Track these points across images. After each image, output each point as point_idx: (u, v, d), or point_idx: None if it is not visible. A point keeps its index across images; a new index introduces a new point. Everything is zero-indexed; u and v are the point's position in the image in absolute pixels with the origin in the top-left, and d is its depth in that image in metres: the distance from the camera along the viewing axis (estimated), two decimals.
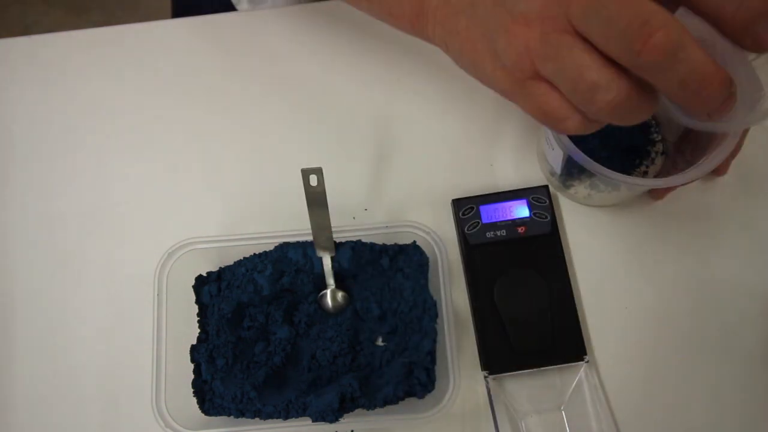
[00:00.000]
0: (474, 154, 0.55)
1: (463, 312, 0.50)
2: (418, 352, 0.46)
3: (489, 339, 0.48)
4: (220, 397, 0.46)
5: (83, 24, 0.57)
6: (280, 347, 0.48)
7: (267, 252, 0.49)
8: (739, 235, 0.52)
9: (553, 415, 0.48)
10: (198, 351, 0.47)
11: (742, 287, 0.51)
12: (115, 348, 0.51)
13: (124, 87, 0.58)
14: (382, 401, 0.44)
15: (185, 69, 0.58)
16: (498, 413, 0.47)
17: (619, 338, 0.50)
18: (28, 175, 0.56)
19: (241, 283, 0.48)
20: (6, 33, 0.66)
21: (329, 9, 0.59)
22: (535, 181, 0.53)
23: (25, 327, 0.52)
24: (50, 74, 0.58)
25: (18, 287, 0.53)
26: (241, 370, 0.47)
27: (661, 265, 0.51)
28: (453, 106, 0.56)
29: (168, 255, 0.48)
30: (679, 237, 0.52)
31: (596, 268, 0.51)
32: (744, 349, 0.49)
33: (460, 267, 0.51)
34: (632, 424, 0.48)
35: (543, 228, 0.50)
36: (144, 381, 0.46)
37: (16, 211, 0.55)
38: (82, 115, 0.57)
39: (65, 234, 0.54)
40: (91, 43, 0.59)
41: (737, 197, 0.53)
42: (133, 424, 0.49)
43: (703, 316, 0.50)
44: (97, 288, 0.52)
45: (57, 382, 0.50)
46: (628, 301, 0.51)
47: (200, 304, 0.49)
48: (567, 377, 0.49)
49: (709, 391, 0.48)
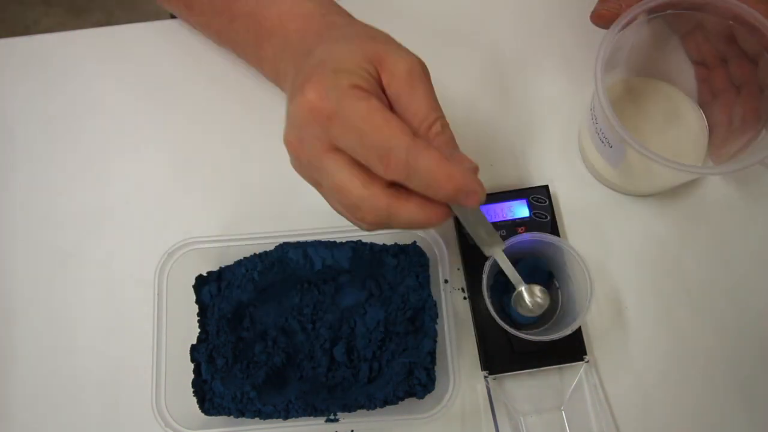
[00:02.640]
0: (474, 154, 0.54)
1: (463, 312, 0.50)
2: (418, 352, 0.46)
3: (489, 339, 0.48)
4: (220, 397, 0.46)
5: (83, 24, 0.57)
6: (280, 347, 0.48)
7: (267, 252, 0.49)
8: (738, 236, 0.52)
9: (553, 415, 0.48)
10: (198, 351, 0.47)
11: (742, 287, 0.51)
12: (115, 348, 0.51)
13: (124, 87, 0.58)
14: (382, 401, 0.44)
15: (185, 69, 0.58)
16: (498, 413, 0.47)
17: (619, 338, 0.50)
18: (28, 175, 0.56)
19: (241, 283, 0.48)
20: (6, 33, 0.66)
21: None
22: (536, 181, 0.53)
23: (25, 327, 0.52)
24: (50, 74, 0.58)
25: (18, 287, 0.53)
26: (241, 370, 0.47)
27: (660, 265, 0.51)
28: (452, 106, 0.56)
29: (168, 255, 0.48)
30: (679, 237, 0.52)
31: (596, 268, 0.51)
32: (744, 348, 0.49)
33: (460, 267, 0.51)
34: (632, 424, 0.48)
35: (543, 228, 0.50)
36: (144, 381, 0.46)
37: (16, 211, 0.55)
38: (82, 115, 0.57)
39: (65, 234, 0.54)
40: (91, 43, 0.59)
41: (737, 198, 0.53)
42: (133, 424, 0.49)
43: (703, 315, 0.50)
44: (97, 288, 0.52)
45: (57, 382, 0.50)
46: (628, 301, 0.51)
47: (200, 304, 0.49)
48: (567, 377, 0.49)
49: (709, 390, 0.48)
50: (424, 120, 0.34)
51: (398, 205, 0.34)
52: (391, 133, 0.32)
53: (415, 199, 0.34)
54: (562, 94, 0.56)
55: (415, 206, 0.34)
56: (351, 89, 0.33)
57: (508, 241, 0.46)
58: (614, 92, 0.54)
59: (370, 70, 0.34)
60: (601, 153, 0.50)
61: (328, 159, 0.34)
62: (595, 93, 0.44)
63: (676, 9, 0.46)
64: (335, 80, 0.33)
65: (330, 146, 0.34)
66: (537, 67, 0.57)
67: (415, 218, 0.34)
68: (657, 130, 0.53)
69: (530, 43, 0.58)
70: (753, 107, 0.47)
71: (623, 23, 0.44)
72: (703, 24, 0.48)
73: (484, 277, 0.45)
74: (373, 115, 0.32)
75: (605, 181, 0.53)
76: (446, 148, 0.34)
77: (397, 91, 0.34)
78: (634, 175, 0.50)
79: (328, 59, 0.35)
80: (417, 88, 0.35)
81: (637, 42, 0.49)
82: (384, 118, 0.32)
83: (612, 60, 0.47)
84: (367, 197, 0.34)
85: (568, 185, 0.53)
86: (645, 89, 0.54)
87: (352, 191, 0.34)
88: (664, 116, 0.53)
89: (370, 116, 0.32)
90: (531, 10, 0.59)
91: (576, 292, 0.47)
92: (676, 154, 0.51)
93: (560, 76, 0.56)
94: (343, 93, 0.33)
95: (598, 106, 0.46)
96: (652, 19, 0.47)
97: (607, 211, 0.53)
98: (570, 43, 0.57)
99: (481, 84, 0.57)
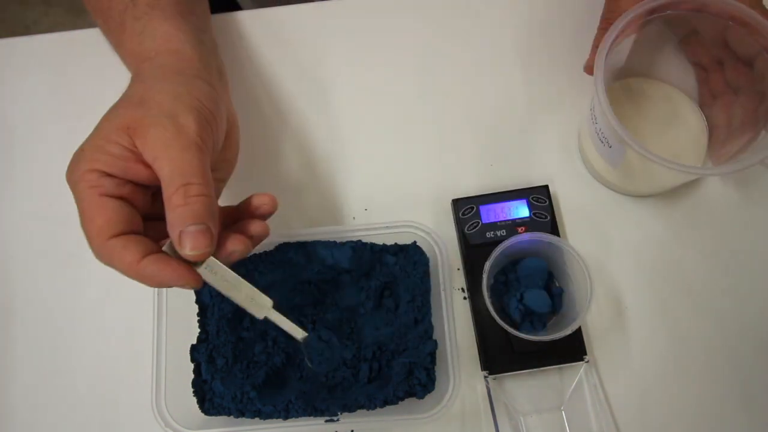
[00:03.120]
0: (474, 154, 0.55)
1: (463, 312, 0.50)
2: (418, 352, 0.46)
3: (489, 339, 0.48)
4: (220, 397, 0.46)
5: (83, 24, 0.57)
6: (280, 347, 0.48)
7: (267, 252, 0.49)
8: (738, 236, 0.52)
9: (553, 415, 0.48)
10: (198, 351, 0.47)
11: (741, 287, 0.51)
12: (115, 348, 0.51)
13: (124, 87, 0.57)
14: (382, 401, 0.44)
15: None
16: (498, 413, 0.47)
17: (619, 338, 0.50)
18: (29, 174, 0.56)
19: None
20: (6, 33, 0.66)
21: (328, 9, 0.59)
22: (536, 181, 0.53)
23: (26, 327, 0.52)
24: (50, 74, 0.58)
25: (18, 287, 0.53)
26: (241, 370, 0.47)
27: (660, 265, 0.51)
28: (452, 106, 0.56)
29: None
30: (679, 238, 0.52)
31: (596, 268, 0.51)
32: (744, 348, 0.49)
33: (460, 267, 0.51)
34: (632, 424, 0.48)
35: (543, 228, 0.50)
36: (144, 381, 0.46)
37: (16, 211, 0.55)
38: (82, 115, 0.56)
39: (65, 234, 0.54)
40: (91, 43, 0.59)
41: (737, 199, 0.53)
42: (133, 424, 0.49)
43: (702, 315, 0.50)
44: (97, 288, 0.52)
45: (57, 381, 0.50)
46: (628, 301, 0.51)
47: (200, 304, 0.49)
48: (567, 377, 0.49)
49: (708, 390, 0.48)
50: (167, 188, 0.34)
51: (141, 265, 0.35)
52: (89, 233, 0.35)
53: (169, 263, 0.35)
54: (562, 94, 0.56)
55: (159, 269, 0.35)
56: (85, 173, 0.35)
57: (509, 241, 0.45)
58: (614, 93, 0.54)
59: (121, 141, 0.35)
60: (600, 153, 0.50)
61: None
62: (594, 93, 0.44)
63: (675, 10, 0.46)
64: (77, 161, 0.36)
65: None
66: (537, 67, 0.57)
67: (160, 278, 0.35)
68: (656, 131, 0.53)
69: (530, 43, 0.58)
70: (750, 109, 0.47)
71: (623, 24, 0.44)
72: (697, 29, 0.48)
73: (484, 277, 0.45)
74: (87, 208, 0.35)
75: (605, 182, 0.53)
76: (182, 223, 0.34)
77: (152, 156, 0.35)
78: (634, 175, 0.50)
79: (96, 127, 0.37)
80: (167, 152, 0.35)
81: (637, 43, 0.49)
82: (92, 214, 0.34)
83: (612, 61, 0.47)
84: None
85: (568, 185, 0.53)
86: (645, 90, 0.54)
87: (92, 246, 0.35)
88: (664, 117, 0.53)
89: (84, 209, 0.35)
90: (531, 10, 0.59)
91: (576, 292, 0.47)
92: (675, 154, 0.51)
93: (560, 76, 0.56)
94: (77, 177, 0.35)
95: (597, 107, 0.46)
96: (651, 20, 0.47)
97: (607, 211, 0.53)
98: (570, 43, 0.57)
99: (481, 84, 0.57)
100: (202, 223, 0.34)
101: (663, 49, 0.52)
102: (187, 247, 0.34)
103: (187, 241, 0.34)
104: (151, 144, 0.35)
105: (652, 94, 0.54)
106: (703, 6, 0.45)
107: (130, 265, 0.34)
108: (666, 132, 0.53)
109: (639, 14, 0.45)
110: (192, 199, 0.34)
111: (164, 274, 0.34)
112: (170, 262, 0.35)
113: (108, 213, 0.35)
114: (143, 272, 0.34)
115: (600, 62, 0.44)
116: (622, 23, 0.44)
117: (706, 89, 0.51)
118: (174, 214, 0.34)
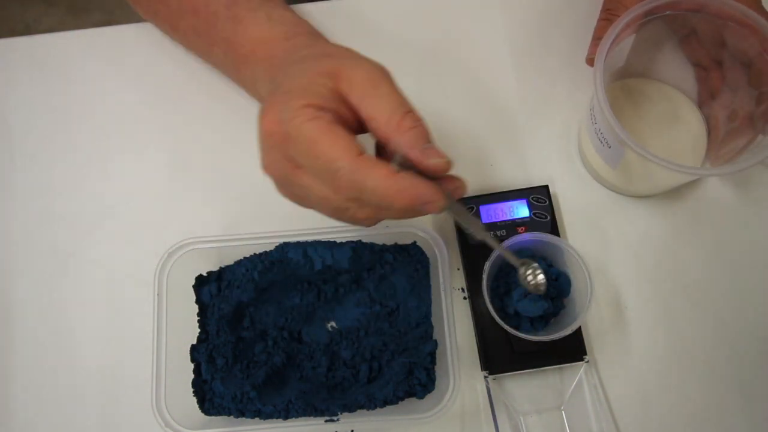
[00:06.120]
0: (474, 154, 0.55)
1: (463, 312, 0.50)
2: (418, 352, 0.46)
3: (489, 339, 0.48)
4: (220, 397, 0.46)
5: (83, 24, 0.57)
6: (280, 347, 0.48)
7: (267, 252, 0.49)
8: (737, 236, 0.52)
9: (553, 415, 0.48)
10: (198, 351, 0.47)
11: (741, 287, 0.51)
12: (115, 348, 0.51)
13: (124, 87, 0.58)
14: (382, 401, 0.44)
15: (185, 69, 0.58)
16: (498, 413, 0.47)
17: (619, 338, 0.50)
18: (28, 175, 0.56)
19: (241, 283, 0.48)
20: (6, 33, 0.66)
21: (328, 9, 0.59)
22: (536, 181, 0.53)
23: (25, 327, 0.52)
24: (50, 74, 0.58)
25: (18, 287, 0.53)
26: (241, 370, 0.47)
27: (660, 265, 0.51)
28: (452, 106, 0.56)
29: (168, 255, 0.48)
30: (679, 238, 0.52)
31: (596, 268, 0.51)
32: (744, 348, 0.49)
33: (460, 267, 0.51)
34: (632, 424, 0.48)
35: (543, 228, 0.50)
36: (144, 381, 0.46)
37: (16, 211, 0.55)
38: (82, 115, 0.57)
39: (65, 234, 0.54)
40: (91, 43, 0.59)
41: (736, 200, 0.53)
42: (133, 424, 0.49)
43: (702, 315, 0.50)
44: (97, 288, 0.52)
45: (57, 381, 0.50)
46: (628, 301, 0.51)
47: (200, 304, 0.49)
48: (567, 377, 0.49)
49: (708, 390, 0.49)
50: (392, 118, 0.35)
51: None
52: (335, 155, 0.33)
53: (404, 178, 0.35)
54: (562, 94, 0.56)
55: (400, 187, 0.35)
56: (301, 109, 0.34)
57: (509, 241, 0.46)
58: (613, 93, 0.54)
59: (326, 84, 0.35)
60: (600, 153, 0.50)
61: (299, 176, 0.36)
62: (594, 94, 0.44)
63: (674, 10, 0.46)
64: (287, 101, 0.35)
65: (297, 164, 0.36)
66: (537, 67, 0.57)
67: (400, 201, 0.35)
68: (656, 131, 0.53)
69: (530, 43, 0.58)
70: (749, 110, 0.47)
71: (623, 25, 0.44)
72: (697, 29, 0.48)
73: (484, 277, 0.45)
74: (320, 136, 0.34)
75: (604, 182, 0.53)
76: (418, 143, 0.35)
77: (360, 96, 0.35)
78: (633, 176, 0.50)
79: (285, 81, 0.37)
80: (378, 89, 0.35)
81: (637, 43, 0.49)
82: (330, 139, 0.34)
83: (611, 61, 0.47)
84: (348, 200, 0.35)
85: (568, 185, 0.54)
86: (644, 90, 0.54)
87: (332, 199, 0.36)
88: (663, 117, 0.53)
89: (317, 138, 0.34)
90: (531, 10, 0.59)
91: (576, 291, 0.47)
92: (674, 155, 0.51)
93: (560, 76, 0.56)
94: (293, 114, 0.34)
95: (597, 107, 0.46)
96: (651, 21, 0.47)
97: (607, 211, 0.53)
98: (570, 44, 0.57)
99: (481, 84, 0.57)
100: (432, 142, 0.35)
101: (662, 49, 0.52)
102: (435, 157, 0.34)
103: (432, 153, 0.35)
104: (360, 84, 0.35)
105: (651, 94, 0.54)
106: (702, 6, 0.45)
107: (387, 176, 0.34)
108: (665, 132, 0.53)
109: (638, 14, 0.45)
110: (420, 122, 0.35)
111: (420, 187, 0.34)
112: (423, 178, 0.35)
113: (346, 135, 0.34)
114: (400, 183, 0.34)
115: (600, 62, 0.44)
116: (622, 23, 0.44)
117: (706, 89, 0.51)
118: (408, 135, 0.34)
